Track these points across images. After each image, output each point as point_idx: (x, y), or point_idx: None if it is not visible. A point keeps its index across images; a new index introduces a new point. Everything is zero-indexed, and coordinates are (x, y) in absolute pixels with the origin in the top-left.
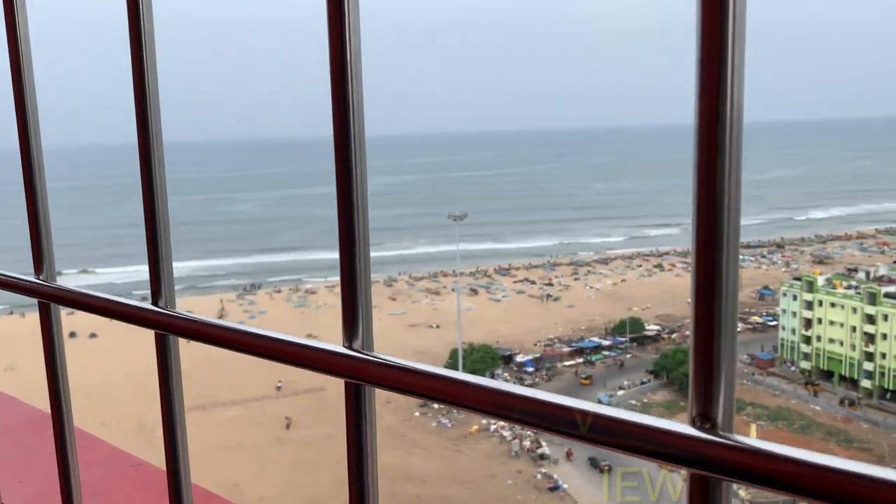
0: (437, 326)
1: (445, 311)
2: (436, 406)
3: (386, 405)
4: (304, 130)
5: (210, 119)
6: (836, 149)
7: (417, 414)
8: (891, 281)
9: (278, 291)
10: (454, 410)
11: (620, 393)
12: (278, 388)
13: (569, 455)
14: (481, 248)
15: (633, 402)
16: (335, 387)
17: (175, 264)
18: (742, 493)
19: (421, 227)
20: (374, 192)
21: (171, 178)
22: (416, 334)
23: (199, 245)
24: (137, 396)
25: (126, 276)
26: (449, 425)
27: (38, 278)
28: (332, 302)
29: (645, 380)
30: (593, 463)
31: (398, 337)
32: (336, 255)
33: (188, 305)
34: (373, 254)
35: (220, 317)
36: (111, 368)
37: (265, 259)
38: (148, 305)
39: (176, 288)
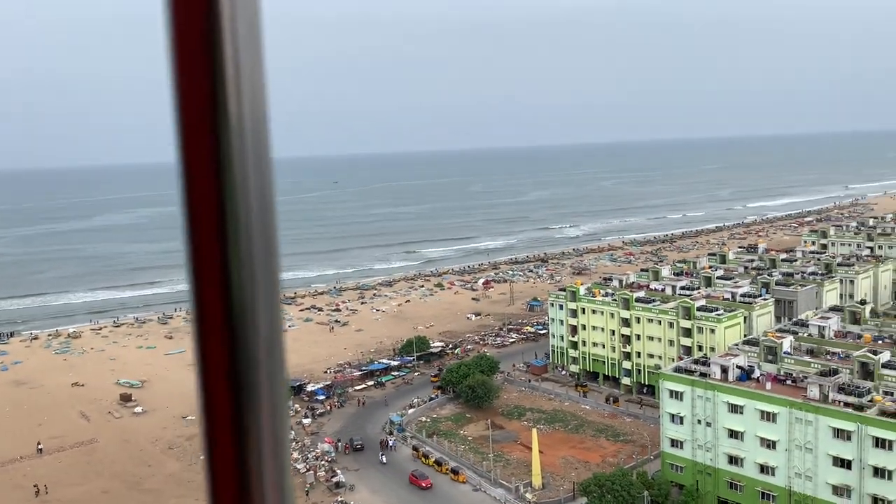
0: None
1: None
2: None
3: (168, 451)
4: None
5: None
6: (584, 171)
7: (203, 457)
8: (640, 287)
9: (35, 338)
10: None
11: (411, 411)
12: (40, 451)
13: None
14: None
15: (424, 418)
16: (110, 435)
17: None
18: (528, 495)
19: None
20: (133, 225)
21: None
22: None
23: None
24: None
25: None
26: None
27: None
28: (101, 345)
29: (433, 395)
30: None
31: (177, 378)
32: (105, 295)
33: None
34: (137, 293)
35: None
36: None
37: (13, 305)
38: None
39: None
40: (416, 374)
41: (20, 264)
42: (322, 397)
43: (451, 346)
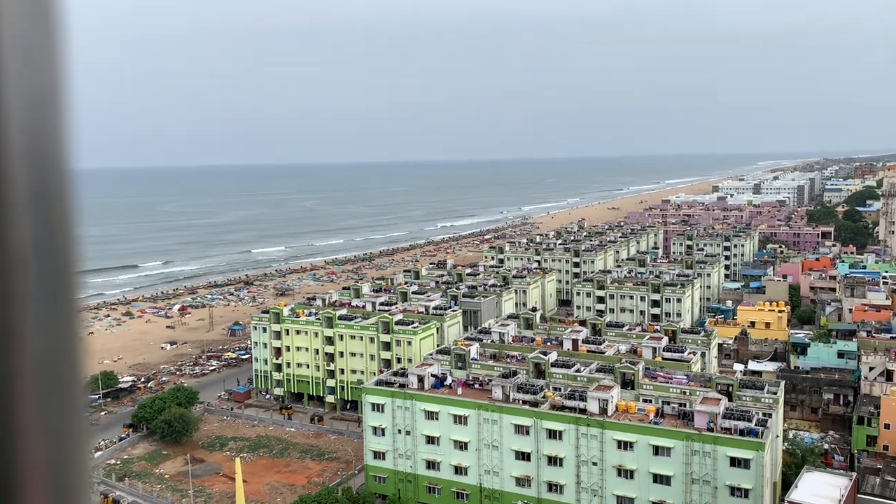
0: None
1: None
2: None
3: None
4: None
5: None
6: (284, 191)
7: None
8: (342, 305)
9: None
10: None
11: (97, 454)
12: None
13: None
14: None
15: (114, 461)
16: None
17: None
18: None
19: None
20: None
21: None
22: None
23: None
24: None
25: None
26: None
27: None
28: None
29: (124, 435)
30: None
31: None
32: None
33: None
34: None
35: None
36: None
37: None
38: None
39: None
40: (102, 413)
41: None
42: None
43: (143, 379)
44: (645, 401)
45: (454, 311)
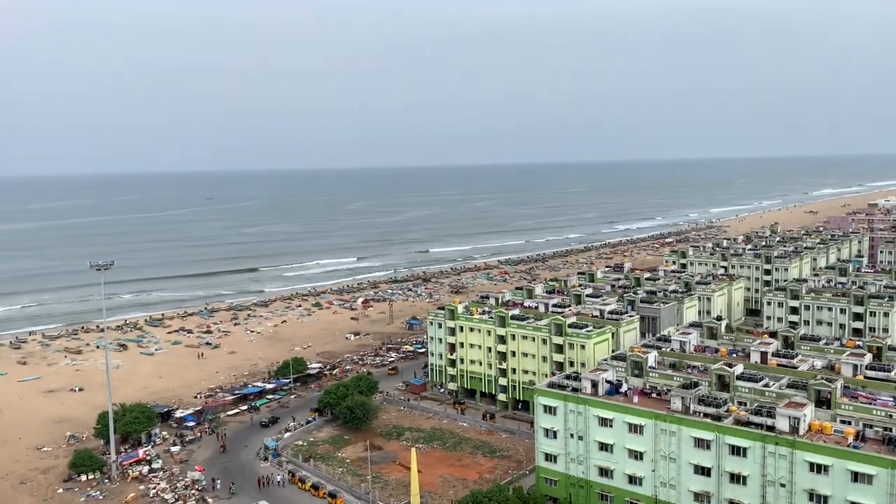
0: (81, 389)
1: (90, 372)
2: (83, 478)
3: (20, 486)
4: None
5: None
6: (455, 191)
7: (61, 490)
8: (515, 304)
9: None
10: (106, 481)
11: (287, 435)
12: None
13: None
14: (129, 298)
15: (300, 442)
16: None
17: None
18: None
19: (51, 274)
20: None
21: None
22: (56, 400)
23: None
24: None
25: None
26: (100, 497)
27: None
28: None
29: (310, 418)
30: None
31: (31, 406)
32: None
33: None
34: None
35: None
36: None
37: None
38: None
39: None
40: (292, 396)
41: None
42: (192, 424)
43: (329, 366)
44: (843, 422)
45: (631, 316)
